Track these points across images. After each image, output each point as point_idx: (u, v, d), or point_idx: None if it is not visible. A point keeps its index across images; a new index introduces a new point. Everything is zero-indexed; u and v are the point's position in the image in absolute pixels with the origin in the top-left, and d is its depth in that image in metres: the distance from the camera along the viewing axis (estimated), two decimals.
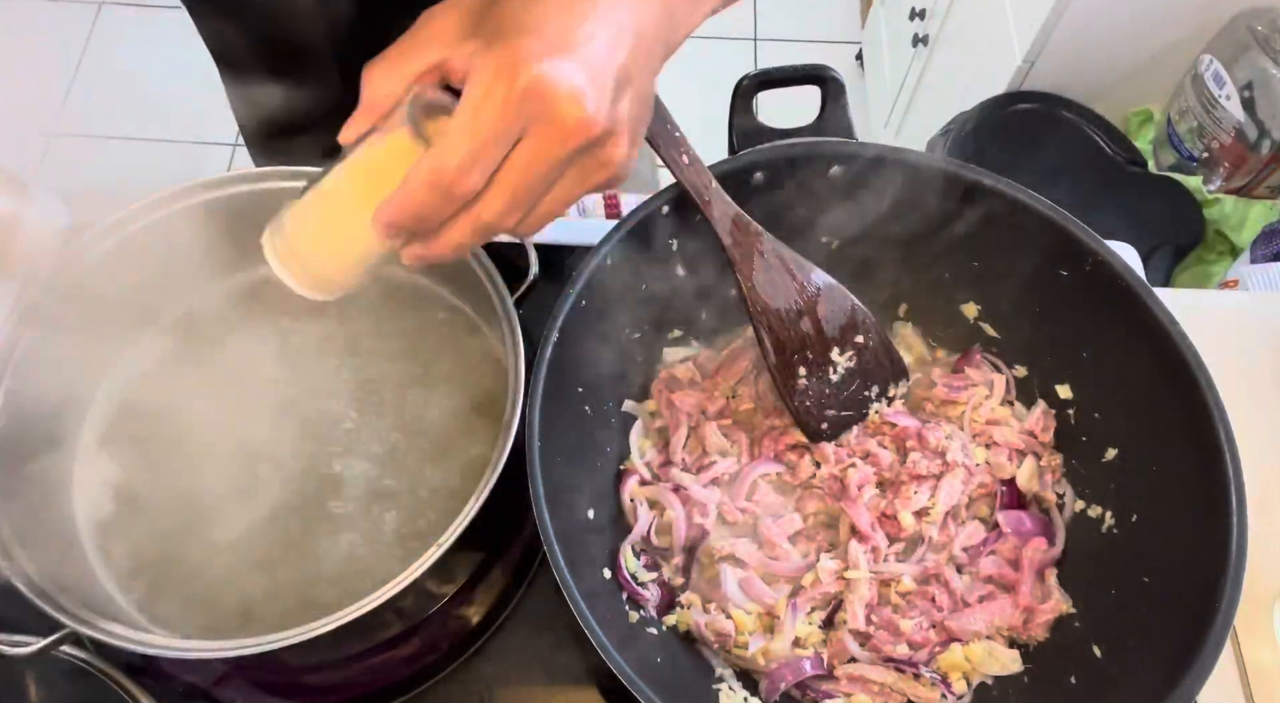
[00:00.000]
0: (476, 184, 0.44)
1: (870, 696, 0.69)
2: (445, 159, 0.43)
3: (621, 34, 0.44)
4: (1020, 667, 0.70)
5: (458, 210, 0.45)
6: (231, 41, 0.81)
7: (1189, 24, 1.49)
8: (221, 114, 0.89)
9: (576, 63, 0.42)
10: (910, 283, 0.80)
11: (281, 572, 0.67)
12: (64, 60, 2.43)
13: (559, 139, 0.43)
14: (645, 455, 0.77)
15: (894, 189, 0.72)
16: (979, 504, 0.76)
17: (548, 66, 0.42)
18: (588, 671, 0.72)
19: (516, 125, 0.43)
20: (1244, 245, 1.49)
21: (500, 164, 0.44)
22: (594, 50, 0.43)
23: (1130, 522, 0.71)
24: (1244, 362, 0.86)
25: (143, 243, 0.69)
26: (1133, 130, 1.66)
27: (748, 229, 0.67)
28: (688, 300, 0.77)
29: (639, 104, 0.47)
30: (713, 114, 0.70)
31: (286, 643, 0.55)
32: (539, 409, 0.62)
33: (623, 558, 0.71)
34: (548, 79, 0.42)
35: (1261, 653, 0.75)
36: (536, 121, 0.42)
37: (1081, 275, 0.70)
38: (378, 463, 0.71)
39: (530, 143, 0.43)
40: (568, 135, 0.43)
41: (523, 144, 0.43)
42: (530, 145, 0.43)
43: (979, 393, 0.78)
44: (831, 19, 2.56)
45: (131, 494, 0.69)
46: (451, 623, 0.71)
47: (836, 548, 0.73)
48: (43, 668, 0.65)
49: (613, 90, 0.44)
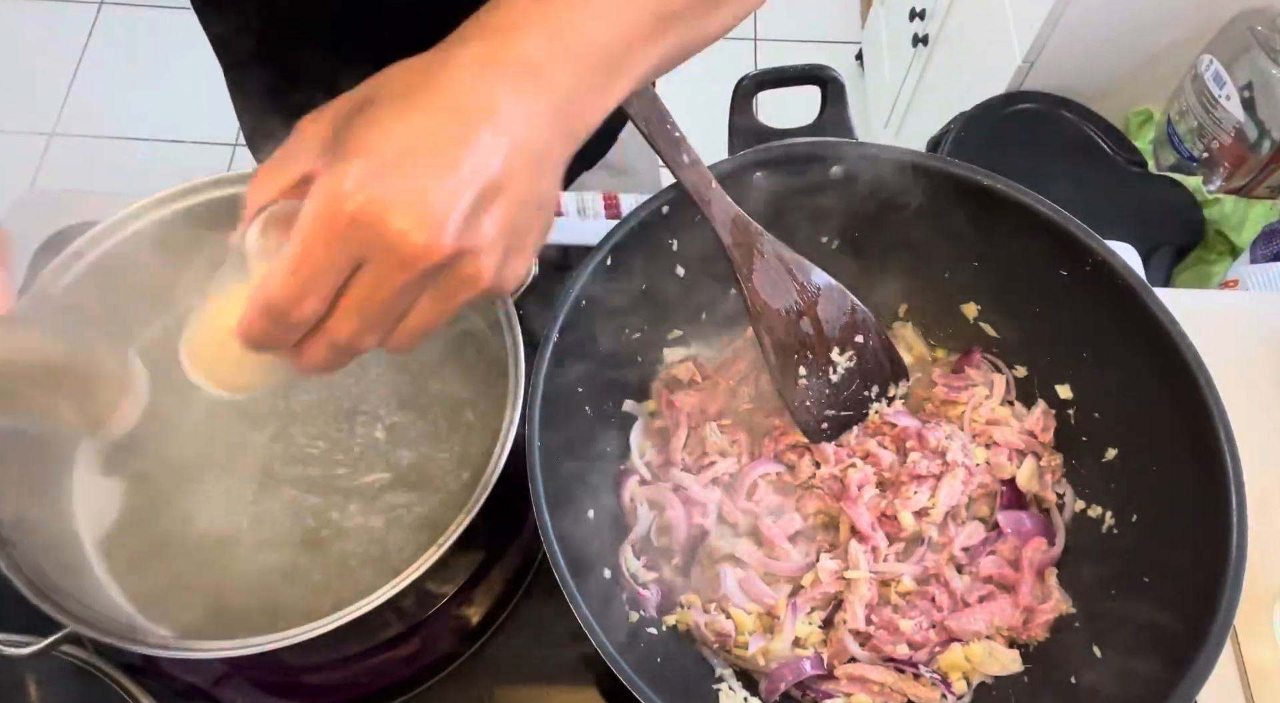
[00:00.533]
0: (313, 310, 0.42)
1: (870, 696, 0.69)
2: (270, 288, 0.42)
3: (488, 142, 0.41)
4: (1020, 667, 0.70)
5: (299, 333, 0.43)
6: (235, 40, 0.82)
7: (1189, 24, 1.49)
8: (221, 114, 0.89)
9: (413, 185, 0.39)
10: (910, 283, 0.80)
11: (281, 571, 0.67)
12: (64, 60, 2.43)
13: (396, 266, 0.40)
14: (645, 455, 0.77)
15: (894, 189, 0.72)
16: (979, 504, 0.76)
17: (378, 191, 0.39)
18: (588, 671, 0.72)
19: (349, 252, 0.40)
20: (1244, 245, 1.49)
21: (345, 287, 0.42)
22: (441, 169, 0.40)
23: (1130, 522, 0.71)
24: (1244, 362, 0.86)
25: (143, 243, 0.69)
26: (1133, 130, 1.66)
27: (748, 229, 0.67)
28: (688, 300, 0.77)
29: (517, 213, 0.43)
30: (713, 114, 0.70)
31: (286, 643, 0.55)
32: (539, 409, 0.62)
33: (623, 558, 0.71)
34: (377, 206, 0.39)
35: (1261, 653, 0.75)
36: (371, 249, 0.40)
37: (1081, 275, 0.70)
38: (377, 463, 0.71)
39: (370, 270, 0.41)
40: (405, 263, 0.40)
41: (364, 270, 0.41)
42: (371, 272, 0.41)
43: (979, 393, 0.78)
44: (831, 19, 2.56)
45: (132, 494, 0.69)
46: (451, 623, 0.71)
47: (836, 548, 0.73)
48: (43, 668, 0.65)
49: (469, 207, 0.41)
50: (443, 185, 0.40)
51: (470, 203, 0.41)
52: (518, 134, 0.42)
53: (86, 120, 2.35)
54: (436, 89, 0.42)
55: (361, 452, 0.72)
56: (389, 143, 0.40)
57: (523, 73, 0.43)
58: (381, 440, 0.72)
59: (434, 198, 0.40)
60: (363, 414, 0.73)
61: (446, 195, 0.40)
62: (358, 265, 0.41)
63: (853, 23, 2.53)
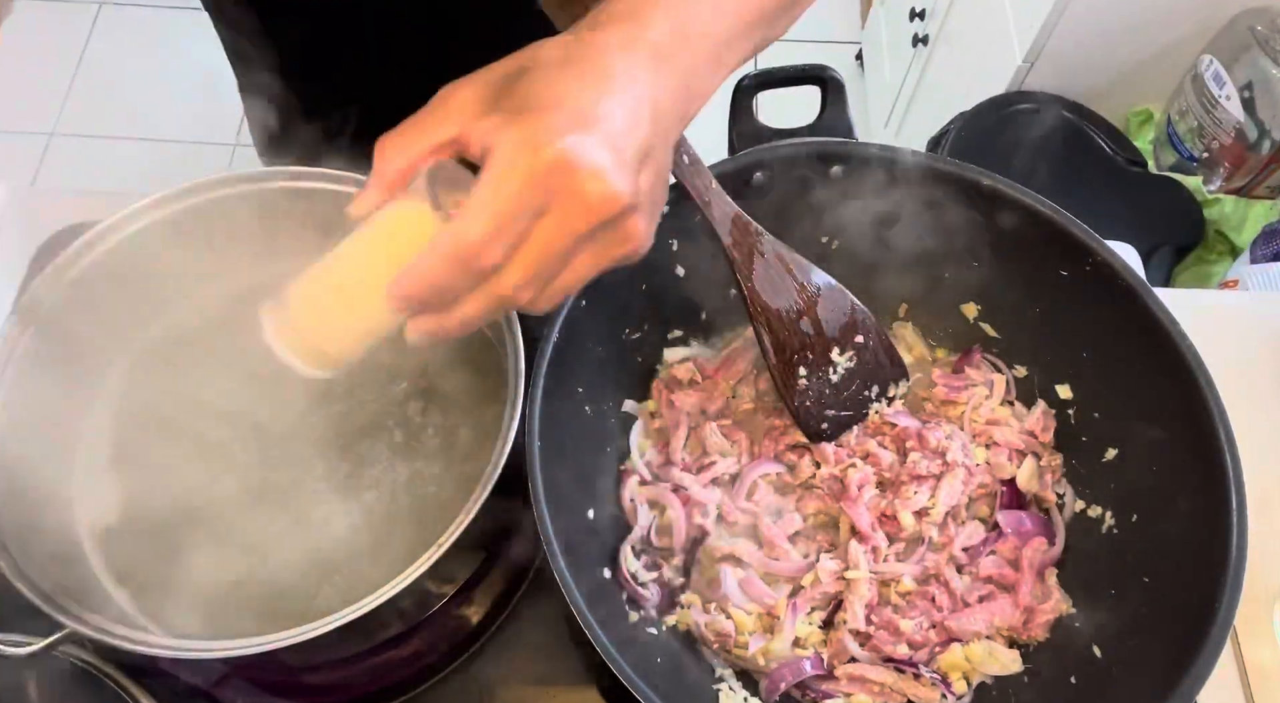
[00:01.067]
0: (498, 258, 0.44)
1: (870, 696, 0.69)
2: (467, 232, 0.43)
3: (640, 109, 0.45)
4: (1020, 667, 0.70)
5: (474, 284, 0.45)
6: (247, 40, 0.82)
7: (1189, 24, 1.49)
8: (222, 114, 0.89)
9: (599, 138, 0.43)
10: (910, 283, 0.80)
11: (282, 572, 0.67)
12: (64, 60, 2.43)
13: (582, 214, 0.43)
14: (645, 455, 0.77)
15: (894, 189, 0.72)
16: (979, 504, 0.76)
17: (572, 141, 0.42)
18: (588, 671, 0.72)
19: (539, 200, 0.43)
20: (1244, 245, 1.49)
21: (522, 238, 0.44)
22: (615, 126, 0.43)
23: (1130, 522, 0.71)
24: (1244, 362, 0.86)
25: (143, 243, 0.69)
26: (1133, 130, 1.66)
27: (748, 229, 0.67)
28: (688, 300, 0.77)
29: (658, 179, 0.47)
30: (713, 114, 0.69)
31: (286, 643, 0.55)
32: (539, 409, 0.62)
33: (623, 558, 0.71)
34: (571, 154, 0.42)
35: (1261, 653, 0.75)
36: (559, 196, 0.42)
37: (1081, 275, 0.70)
38: (377, 463, 0.71)
39: (553, 218, 0.43)
40: (590, 210, 0.43)
41: (545, 218, 0.43)
42: (553, 220, 0.43)
43: (979, 393, 0.78)
44: (831, 19, 2.56)
45: (132, 494, 0.69)
46: (451, 623, 0.71)
47: (836, 548, 0.73)
48: (43, 668, 0.65)
49: (634, 166, 0.44)
50: (619, 143, 0.43)
51: (635, 163, 0.44)
52: (658, 108, 0.46)
53: (86, 120, 2.35)
54: (590, 62, 0.45)
55: (362, 451, 0.71)
56: (568, 101, 0.43)
57: (655, 55, 0.46)
58: (382, 440, 0.72)
59: (615, 153, 0.43)
60: (361, 413, 0.73)
61: (623, 152, 0.43)
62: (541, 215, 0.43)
63: (853, 23, 2.53)
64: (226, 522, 0.68)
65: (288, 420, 0.72)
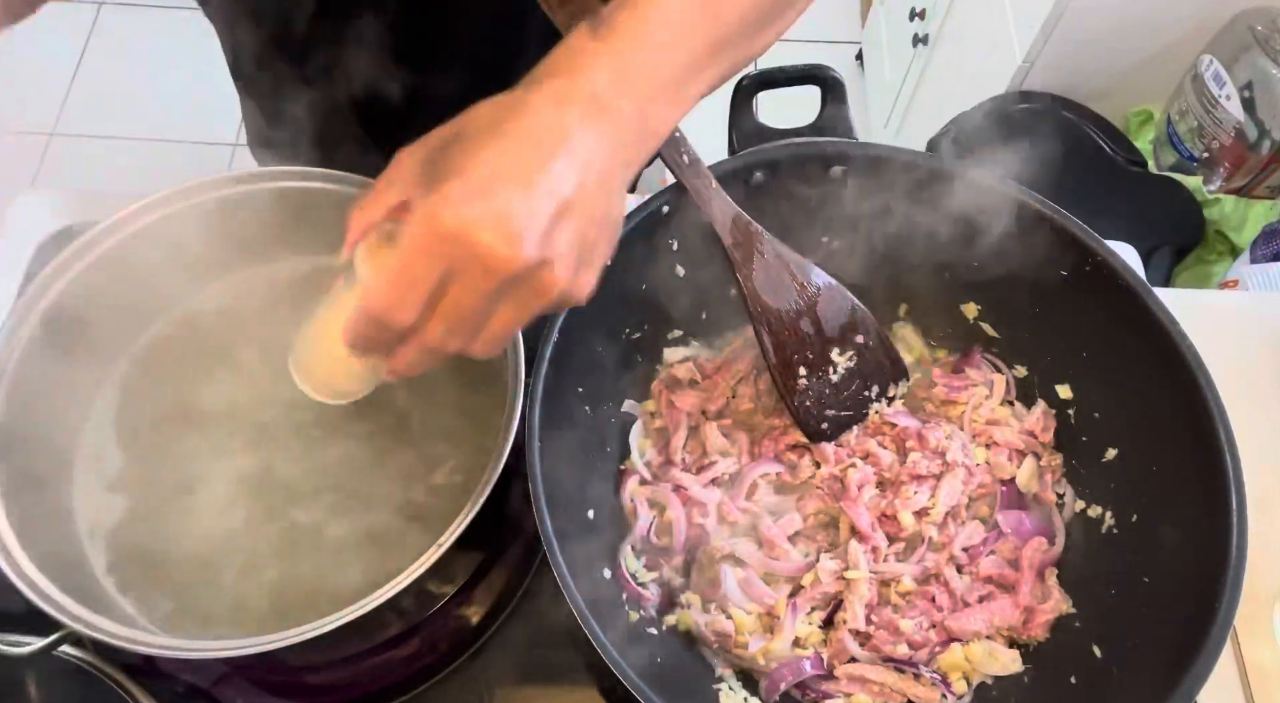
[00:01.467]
0: (411, 316, 0.48)
1: (870, 696, 0.69)
2: (375, 298, 0.48)
3: (559, 166, 0.47)
4: (1020, 667, 0.70)
5: (399, 337, 0.50)
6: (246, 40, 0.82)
7: (1189, 24, 1.49)
8: (221, 114, 0.90)
9: (499, 203, 0.45)
10: (910, 283, 0.80)
11: (282, 572, 0.67)
12: (64, 60, 2.43)
13: (481, 275, 0.46)
14: (645, 455, 0.77)
15: (894, 189, 0.72)
16: (979, 504, 0.76)
17: (467, 210, 0.45)
18: (588, 670, 0.72)
19: (439, 266, 0.46)
20: (1244, 245, 1.49)
21: (435, 297, 0.48)
22: (522, 190, 0.46)
23: (1130, 522, 0.71)
24: (1244, 362, 0.86)
25: (143, 243, 0.69)
26: (1133, 130, 1.66)
27: (748, 229, 0.67)
28: (688, 300, 0.77)
29: (587, 228, 0.48)
30: (713, 114, 0.69)
31: (286, 643, 0.55)
32: (539, 409, 0.62)
33: (623, 558, 0.71)
34: (467, 222, 0.45)
35: (1261, 653, 0.75)
36: (458, 261, 0.46)
37: (1081, 275, 0.70)
38: (377, 463, 0.71)
39: (459, 280, 0.47)
40: (489, 272, 0.46)
41: (453, 280, 0.47)
42: (459, 282, 0.47)
43: (979, 393, 0.78)
44: (831, 19, 2.56)
45: (132, 494, 0.69)
46: (451, 623, 0.71)
47: (836, 548, 0.73)
48: (43, 668, 0.65)
49: (546, 222, 0.46)
50: (523, 204, 0.46)
51: (547, 219, 0.46)
52: (588, 159, 0.48)
53: (86, 120, 2.35)
54: (517, 122, 0.47)
55: (361, 451, 0.71)
56: (478, 169, 0.46)
57: (591, 107, 0.49)
58: (382, 440, 0.72)
59: (516, 215, 0.45)
60: (361, 413, 0.73)
61: (526, 213, 0.46)
62: (448, 277, 0.47)
63: (853, 23, 2.53)
64: (227, 522, 0.68)
65: (287, 420, 0.72)
